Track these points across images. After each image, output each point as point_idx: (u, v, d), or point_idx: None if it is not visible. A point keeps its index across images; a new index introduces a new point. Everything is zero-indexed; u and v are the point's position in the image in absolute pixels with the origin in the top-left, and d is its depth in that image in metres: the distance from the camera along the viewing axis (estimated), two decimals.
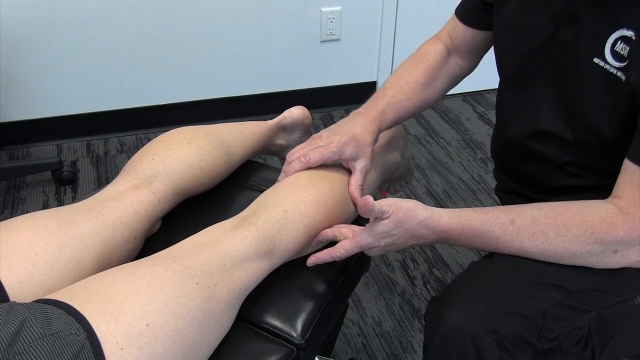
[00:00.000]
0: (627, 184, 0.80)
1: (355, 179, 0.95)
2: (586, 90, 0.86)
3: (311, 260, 0.87)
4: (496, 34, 1.02)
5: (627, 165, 0.80)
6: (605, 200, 0.82)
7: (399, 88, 1.06)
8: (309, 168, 0.96)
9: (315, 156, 0.93)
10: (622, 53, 0.80)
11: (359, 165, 0.96)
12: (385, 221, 0.82)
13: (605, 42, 0.82)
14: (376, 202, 0.80)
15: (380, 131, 1.02)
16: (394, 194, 1.33)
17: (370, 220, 0.84)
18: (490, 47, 1.12)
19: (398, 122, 1.06)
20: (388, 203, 0.82)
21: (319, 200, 0.90)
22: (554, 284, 0.84)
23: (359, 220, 1.01)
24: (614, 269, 0.84)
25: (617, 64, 0.81)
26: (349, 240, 0.85)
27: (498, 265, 0.86)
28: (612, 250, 0.80)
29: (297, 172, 0.91)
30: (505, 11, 0.98)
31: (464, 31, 1.10)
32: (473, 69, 1.17)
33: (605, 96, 0.83)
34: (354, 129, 0.96)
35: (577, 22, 0.86)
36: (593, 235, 0.79)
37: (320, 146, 0.95)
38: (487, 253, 0.91)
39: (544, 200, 0.88)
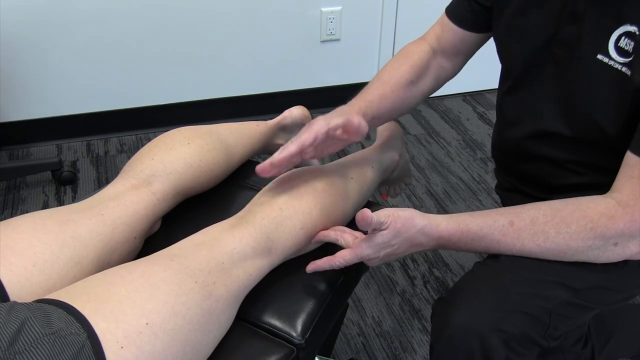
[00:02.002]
0: (627, 177, 0.80)
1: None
2: (590, 87, 0.86)
3: (310, 267, 0.87)
4: (498, 38, 1.02)
5: (629, 158, 0.80)
6: (604, 195, 0.82)
7: (382, 82, 1.04)
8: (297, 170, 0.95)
9: (306, 135, 0.88)
10: (626, 49, 0.81)
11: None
12: (384, 232, 0.82)
13: (609, 38, 0.82)
14: (374, 213, 0.80)
15: (367, 117, 0.98)
16: (394, 196, 1.33)
17: (369, 231, 0.84)
18: (477, 49, 1.11)
19: (383, 113, 1.03)
20: (386, 214, 0.82)
21: (314, 197, 0.90)
22: (559, 282, 0.85)
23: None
24: (617, 265, 0.84)
25: (621, 60, 0.81)
26: (349, 250, 0.85)
27: (503, 265, 0.86)
28: (612, 243, 0.81)
29: (292, 154, 0.87)
30: (504, 14, 0.97)
31: (454, 33, 1.08)
32: (457, 72, 1.15)
33: (610, 92, 0.83)
34: (339, 110, 0.94)
35: (578, 20, 0.86)
36: (593, 229, 0.80)
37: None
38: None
39: (546, 199, 0.88)
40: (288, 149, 0.87)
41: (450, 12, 1.09)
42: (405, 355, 1.44)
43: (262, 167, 0.87)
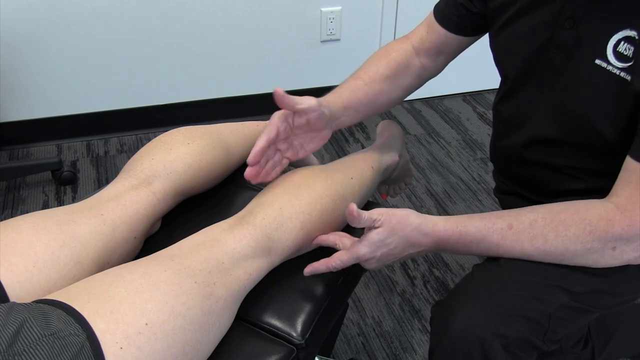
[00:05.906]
0: (626, 182, 0.80)
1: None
2: (588, 92, 0.86)
3: (308, 270, 0.88)
4: (494, 45, 1.02)
5: (628, 163, 0.80)
6: (602, 199, 0.82)
7: (355, 77, 1.05)
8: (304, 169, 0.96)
9: (269, 128, 0.91)
10: (626, 53, 0.80)
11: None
12: (379, 229, 0.83)
13: (607, 43, 0.82)
14: (366, 212, 0.80)
15: (335, 105, 0.99)
16: (394, 196, 1.33)
17: (364, 230, 0.84)
18: (460, 52, 1.11)
19: (356, 104, 1.03)
20: (379, 212, 0.82)
21: (313, 197, 0.90)
22: (558, 285, 0.84)
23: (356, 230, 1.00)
24: (616, 269, 0.84)
25: (620, 65, 0.81)
26: (345, 251, 0.86)
27: (502, 268, 0.86)
28: (610, 247, 0.80)
29: (262, 147, 0.89)
30: (501, 21, 0.97)
31: (438, 33, 1.08)
32: (440, 71, 1.14)
33: (608, 97, 0.83)
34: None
35: (576, 25, 0.86)
36: (592, 233, 0.80)
37: None
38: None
39: (545, 202, 0.88)
40: (257, 144, 0.89)
41: (437, 12, 1.09)
42: (405, 355, 1.44)
43: (249, 173, 0.89)
